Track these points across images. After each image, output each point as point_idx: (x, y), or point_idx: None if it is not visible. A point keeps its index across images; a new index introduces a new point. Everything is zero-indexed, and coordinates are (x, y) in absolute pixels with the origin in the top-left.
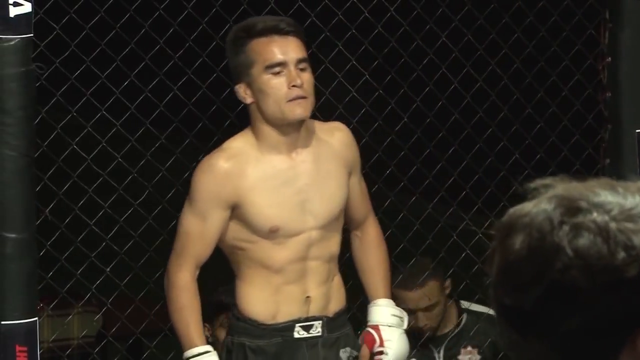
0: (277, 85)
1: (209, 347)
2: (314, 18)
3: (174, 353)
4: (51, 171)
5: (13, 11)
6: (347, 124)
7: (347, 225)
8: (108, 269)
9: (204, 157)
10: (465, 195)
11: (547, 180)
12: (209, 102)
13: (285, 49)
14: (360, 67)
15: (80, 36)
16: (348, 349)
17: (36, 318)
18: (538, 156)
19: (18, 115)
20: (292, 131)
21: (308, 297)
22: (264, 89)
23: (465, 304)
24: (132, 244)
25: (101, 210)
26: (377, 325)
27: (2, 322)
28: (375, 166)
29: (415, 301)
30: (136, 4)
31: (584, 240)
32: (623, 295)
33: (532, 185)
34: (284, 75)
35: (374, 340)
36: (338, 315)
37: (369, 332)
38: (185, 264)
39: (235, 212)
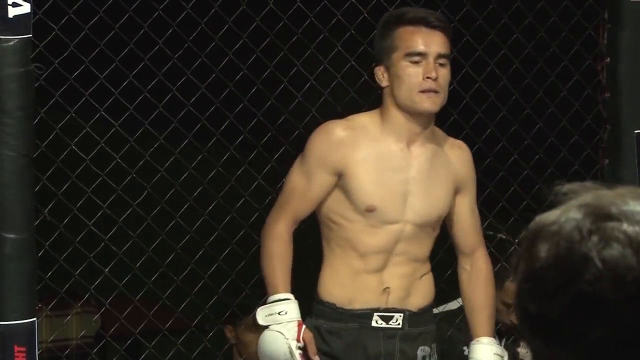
0: (413, 74)
1: (289, 295)
2: (312, 19)
3: (173, 353)
4: (50, 171)
5: (12, 12)
6: None
7: (455, 252)
8: (107, 270)
9: (203, 157)
10: None
11: (576, 186)
12: (208, 103)
13: (428, 41)
14: (359, 68)
15: (79, 37)
16: (427, 348)
17: (35, 318)
18: (537, 156)
19: (17, 116)
20: (418, 124)
21: (387, 288)
22: (401, 74)
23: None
24: (131, 245)
25: (100, 211)
26: None
27: (1, 322)
28: None
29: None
30: (135, 5)
31: (613, 251)
32: None
33: (561, 190)
34: (421, 66)
35: None
36: (423, 311)
37: None
38: (284, 217)
39: (340, 181)
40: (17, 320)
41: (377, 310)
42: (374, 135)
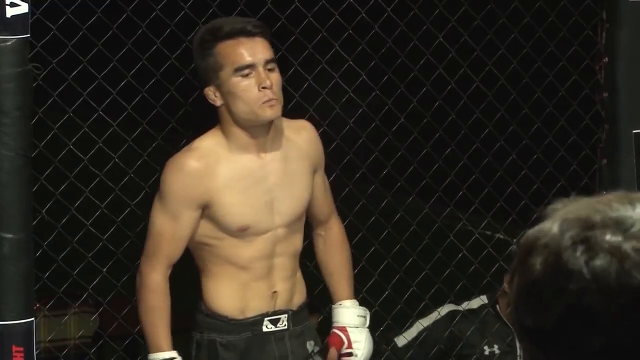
0: (247, 88)
1: (174, 353)
2: (311, 19)
3: None
4: (48, 171)
5: (10, 11)
6: (344, 124)
7: (309, 223)
8: (105, 270)
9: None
10: (462, 196)
11: (565, 201)
12: (206, 103)
13: (253, 51)
14: (357, 68)
15: (77, 37)
16: (312, 342)
17: (33, 318)
18: (535, 156)
19: (15, 116)
20: (262, 132)
21: (275, 292)
22: (234, 91)
23: (464, 304)
24: (129, 245)
25: (98, 211)
26: (344, 327)
27: None
28: (372, 167)
29: None
30: (133, 5)
31: (600, 262)
32: (636, 310)
33: (552, 206)
34: (253, 77)
35: (341, 342)
36: (301, 308)
37: (336, 333)
38: (157, 265)
39: (206, 211)
40: (15, 320)
41: (267, 315)
42: (225, 157)
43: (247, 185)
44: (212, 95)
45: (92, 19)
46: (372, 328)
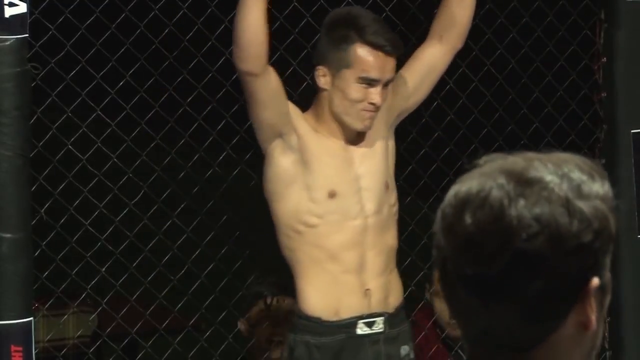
0: (359, 96)
1: None
2: (309, 19)
3: (169, 353)
4: (47, 171)
5: (8, 11)
6: None
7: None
8: (103, 269)
9: (199, 157)
10: None
11: (491, 156)
12: (205, 103)
13: (383, 70)
14: None
15: (76, 36)
16: (406, 347)
17: (31, 318)
18: None
19: (13, 115)
20: (352, 131)
21: (367, 289)
22: (347, 92)
23: None
24: (128, 244)
25: (96, 211)
26: None
27: None
28: None
29: None
30: (131, 4)
31: (544, 209)
32: (580, 258)
33: (478, 161)
34: (368, 89)
35: None
36: (398, 310)
37: None
38: None
39: (295, 170)
40: (13, 320)
41: (361, 317)
42: (315, 136)
43: (336, 163)
44: (322, 76)
45: (90, 18)
46: None
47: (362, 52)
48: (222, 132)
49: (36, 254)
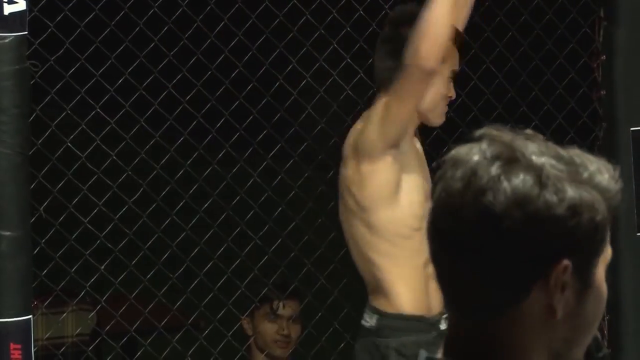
0: (445, 91)
1: None
2: (309, 17)
3: (168, 351)
4: (46, 169)
5: (7, 9)
6: (342, 121)
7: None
8: (102, 267)
9: (198, 155)
10: None
11: (495, 127)
12: (204, 100)
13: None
14: (356, 67)
15: (75, 34)
16: None
17: (31, 316)
18: None
19: (12, 113)
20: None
21: None
22: (441, 87)
23: None
24: (127, 242)
25: (96, 208)
26: None
27: None
28: None
29: None
30: (130, 2)
31: (516, 174)
32: (547, 230)
33: (478, 133)
34: (451, 83)
35: None
36: None
37: None
38: None
39: (404, 173)
40: (12, 318)
41: (443, 313)
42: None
43: (422, 165)
44: None
45: (89, 16)
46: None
47: (450, 45)
48: (221, 130)
49: (35, 251)
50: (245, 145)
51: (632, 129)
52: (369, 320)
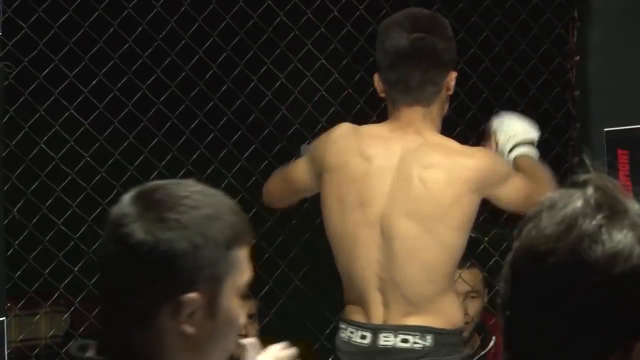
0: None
1: None
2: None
3: None
4: (19, 170)
5: None
6: (317, 122)
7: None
8: (76, 269)
9: (172, 156)
10: None
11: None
12: (178, 101)
13: None
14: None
15: (49, 35)
16: None
17: (4, 317)
18: None
19: None
20: None
21: None
22: (451, 90)
23: None
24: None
25: (69, 210)
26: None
27: None
28: None
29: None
30: (104, 3)
31: (619, 228)
32: (634, 294)
33: (585, 177)
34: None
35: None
36: None
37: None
38: None
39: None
40: None
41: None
42: None
43: None
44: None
45: (63, 17)
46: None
47: None
48: (195, 131)
49: (9, 253)
50: (220, 146)
51: (605, 129)
52: (421, 341)
